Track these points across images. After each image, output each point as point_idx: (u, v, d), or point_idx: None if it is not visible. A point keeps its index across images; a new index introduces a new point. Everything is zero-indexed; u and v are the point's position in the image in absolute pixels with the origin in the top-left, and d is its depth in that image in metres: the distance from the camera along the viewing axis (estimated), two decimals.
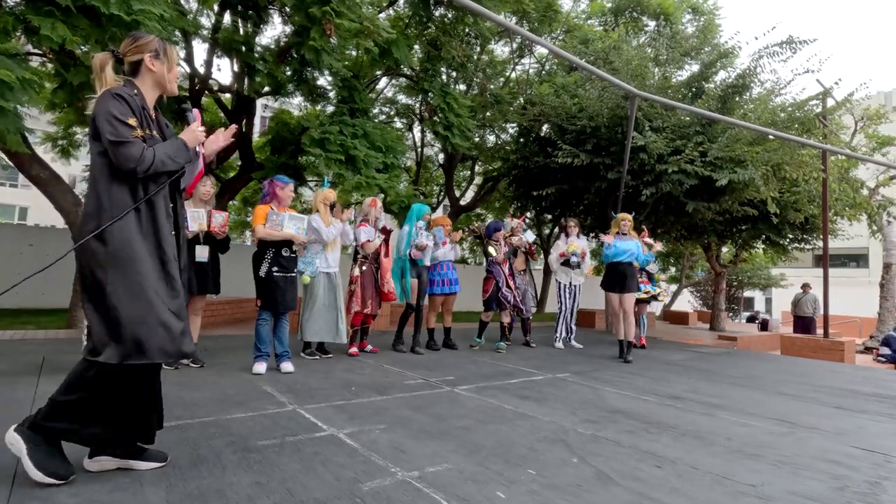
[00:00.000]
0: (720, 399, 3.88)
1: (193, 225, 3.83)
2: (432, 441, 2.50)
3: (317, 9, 5.72)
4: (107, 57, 1.87)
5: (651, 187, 8.26)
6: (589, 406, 3.43)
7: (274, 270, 3.98)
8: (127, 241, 1.78)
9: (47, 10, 3.94)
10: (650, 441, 2.70)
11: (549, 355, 5.92)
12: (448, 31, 9.28)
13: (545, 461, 2.30)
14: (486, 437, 2.61)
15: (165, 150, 1.88)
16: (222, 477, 1.92)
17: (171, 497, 1.73)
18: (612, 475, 2.18)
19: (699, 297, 22.20)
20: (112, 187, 1.80)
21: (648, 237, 7.24)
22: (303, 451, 2.26)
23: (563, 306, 6.90)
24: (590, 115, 8.53)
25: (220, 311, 7.85)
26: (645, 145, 7.79)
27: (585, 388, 4.06)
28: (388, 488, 1.91)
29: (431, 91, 9.10)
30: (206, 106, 10.30)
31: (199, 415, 2.71)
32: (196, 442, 2.28)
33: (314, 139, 7.37)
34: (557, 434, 2.73)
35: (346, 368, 4.34)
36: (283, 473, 1.99)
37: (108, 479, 1.85)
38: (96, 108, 1.79)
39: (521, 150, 10.35)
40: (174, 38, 6.45)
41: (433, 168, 16.90)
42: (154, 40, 1.96)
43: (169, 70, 1.99)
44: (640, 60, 8.28)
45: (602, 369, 5.05)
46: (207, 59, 8.41)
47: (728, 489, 2.10)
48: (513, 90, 12.60)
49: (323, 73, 8.22)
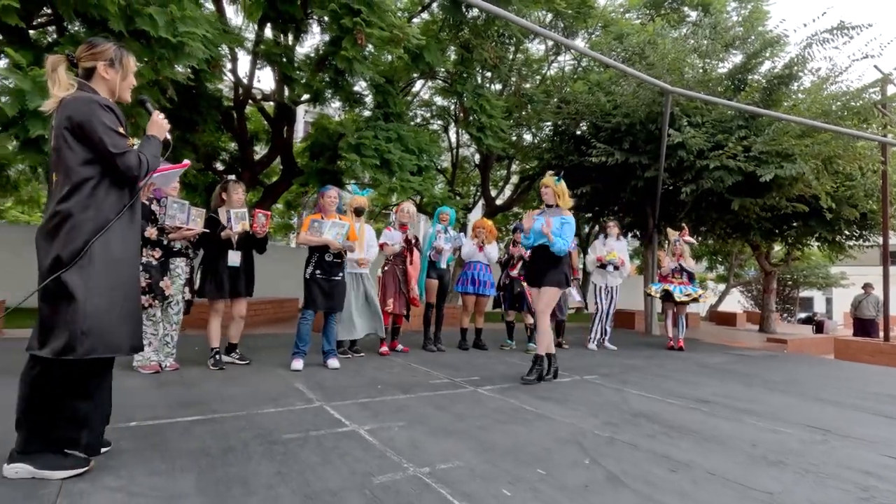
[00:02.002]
0: (752, 404, 3.76)
1: (237, 225, 4.06)
2: (448, 439, 2.59)
3: (348, 20, 5.93)
4: (60, 59, 1.90)
5: (691, 185, 8.01)
6: (611, 408, 3.42)
7: (317, 273, 4.23)
8: (109, 243, 1.89)
9: (104, 36, 4.31)
10: (668, 445, 2.68)
11: (581, 357, 5.88)
12: (480, 32, 9.33)
13: (556, 461, 2.34)
14: (502, 436, 2.68)
15: (150, 151, 2.01)
16: (247, 466, 2.09)
17: (201, 482, 1.91)
18: (623, 477, 2.19)
19: (749, 297, 21.15)
20: (98, 193, 1.87)
21: (688, 236, 7.03)
22: (324, 444, 2.40)
23: (598, 308, 6.81)
24: (625, 112, 8.36)
25: (263, 311, 8.24)
26: (683, 142, 7.56)
27: (610, 390, 4.03)
28: (398, 482, 2.01)
29: (465, 93, 9.18)
30: (250, 115, 10.80)
31: (233, 409, 2.91)
32: (227, 434, 2.47)
33: (350, 144, 7.61)
34: (573, 435, 2.75)
35: (375, 367, 4.50)
36: (302, 465, 2.14)
37: (147, 464, 2.05)
38: (83, 116, 1.82)
39: (556, 149, 10.26)
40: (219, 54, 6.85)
41: (469, 168, 16.97)
42: (110, 49, 1.98)
43: (123, 79, 2.02)
44: (677, 54, 8.03)
45: (631, 372, 4.98)
46: (250, 71, 8.86)
47: (742, 496, 2.07)
48: (549, 88, 12.49)
49: (357, 81, 8.46)
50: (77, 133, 1.85)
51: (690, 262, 6.86)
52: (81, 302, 1.82)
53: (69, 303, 1.82)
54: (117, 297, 1.93)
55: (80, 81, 1.95)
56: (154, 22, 4.23)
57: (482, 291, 5.87)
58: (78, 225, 1.84)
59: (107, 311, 1.89)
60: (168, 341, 3.92)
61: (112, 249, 1.92)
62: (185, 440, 2.36)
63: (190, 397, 3.14)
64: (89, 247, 1.84)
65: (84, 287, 1.83)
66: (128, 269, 2.01)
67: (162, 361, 3.86)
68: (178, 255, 3.89)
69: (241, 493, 1.83)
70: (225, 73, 8.48)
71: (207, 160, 10.03)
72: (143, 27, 4.28)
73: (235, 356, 4.31)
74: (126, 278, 1.99)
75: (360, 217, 4.86)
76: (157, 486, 1.86)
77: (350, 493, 1.88)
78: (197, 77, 6.62)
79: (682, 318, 6.98)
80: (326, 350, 4.40)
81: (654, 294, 6.99)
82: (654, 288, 7.01)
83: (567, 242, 4.12)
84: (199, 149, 8.52)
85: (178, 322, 3.98)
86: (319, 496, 1.84)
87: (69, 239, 1.83)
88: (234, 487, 1.88)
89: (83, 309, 1.82)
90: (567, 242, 4.12)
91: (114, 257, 1.92)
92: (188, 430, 2.51)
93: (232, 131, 9.55)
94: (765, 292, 13.48)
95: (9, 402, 2.03)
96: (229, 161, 11.09)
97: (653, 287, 7.05)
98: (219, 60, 7.09)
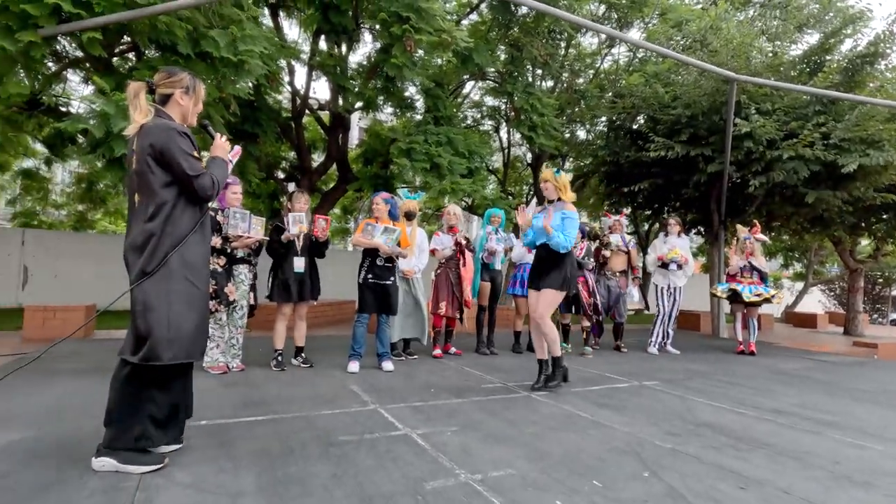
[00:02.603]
0: (835, 416, 3.45)
1: (294, 228, 4.24)
2: (500, 446, 2.56)
3: (397, 27, 6.03)
4: (141, 86, 2.07)
5: (761, 177, 7.47)
6: (673, 417, 3.25)
7: (369, 277, 4.34)
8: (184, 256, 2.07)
9: (174, 60, 4.65)
10: (737, 459, 2.51)
11: (641, 361, 5.64)
12: (530, 30, 9.20)
13: (613, 473, 2.25)
14: (555, 444, 2.61)
15: (219, 172, 2.18)
16: (305, 467, 2.17)
17: (261, 481, 2.00)
18: (685, 493, 2.08)
19: (832, 297, 19.42)
20: (176, 212, 2.06)
21: (760, 232, 6.56)
22: (377, 448, 2.45)
23: (660, 310, 6.50)
24: (685, 103, 7.94)
25: (323, 313, 8.55)
26: (751, 131, 7.06)
27: (673, 397, 3.84)
28: (449, 489, 2.02)
29: (515, 92, 9.09)
30: (307, 124, 11.23)
31: (293, 410, 3.04)
32: (287, 435, 2.58)
33: (401, 149, 7.74)
34: (631, 445, 2.64)
35: (428, 370, 4.54)
36: (356, 468, 2.19)
37: (214, 462, 2.17)
38: (163, 144, 1.99)
39: (611, 145, 9.91)
40: (278, 68, 7.19)
41: (521, 168, 16.77)
42: (186, 77, 2.16)
43: (195, 105, 2.21)
44: (742, 38, 7.52)
45: (696, 378, 4.72)
46: (306, 82, 9.23)
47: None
48: (602, 83, 12.10)
49: (408, 87, 8.59)
50: (158, 158, 2.02)
51: (762, 260, 6.39)
52: (163, 312, 2.01)
53: (152, 313, 2.01)
54: (192, 306, 2.11)
55: (156, 107, 2.13)
56: (216, 43, 4.51)
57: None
58: (160, 242, 2.03)
59: (185, 319, 2.07)
60: (234, 344, 4.15)
61: (187, 262, 2.09)
62: (249, 440, 2.48)
63: (254, 398, 3.30)
64: (167, 259, 2.02)
65: (164, 298, 2.02)
66: (200, 279, 2.17)
67: (229, 363, 4.10)
68: (242, 262, 4.12)
69: (298, 494, 1.90)
70: (283, 85, 8.90)
71: (269, 170, 10.54)
72: (207, 49, 4.56)
73: (300, 360, 4.49)
74: (199, 288, 2.15)
75: (412, 221, 4.92)
76: (223, 484, 1.97)
77: (402, 499, 1.91)
78: (257, 91, 6.98)
79: (753, 321, 6.52)
80: (380, 353, 4.50)
81: (719, 294, 6.57)
82: (719, 288, 6.59)
83: (569, 239, 3.77)
84: (260, 159, 8.98)
85: (242, 325, 4.20)
86: (373, 501, 1.88)
87: (152, 254, 2.02)
88: (292, 488, 1.95)
89: (165, 318, 2.01)
90: (569, 239, 3.77)
91: (188, 269, 2.09)
92: (251, 429, 2.64)
93: (290, 141, 9.99)
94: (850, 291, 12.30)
95: (100, 399, 2.22)
96: (289, 170, 11.60)
97: (718, 287, 6.63)
98: (277, 74, 7.45)
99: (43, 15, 3.92)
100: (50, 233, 11.24)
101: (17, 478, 1.96)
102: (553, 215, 3.84)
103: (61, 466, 2.07)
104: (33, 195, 12.57)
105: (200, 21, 4.62)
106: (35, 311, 5.77)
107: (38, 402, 2.98)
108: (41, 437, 2.41)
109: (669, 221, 6.63)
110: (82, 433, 2.45)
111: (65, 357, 4.36)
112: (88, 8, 4.03)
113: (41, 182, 11.97)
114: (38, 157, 11.20)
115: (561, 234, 3.76)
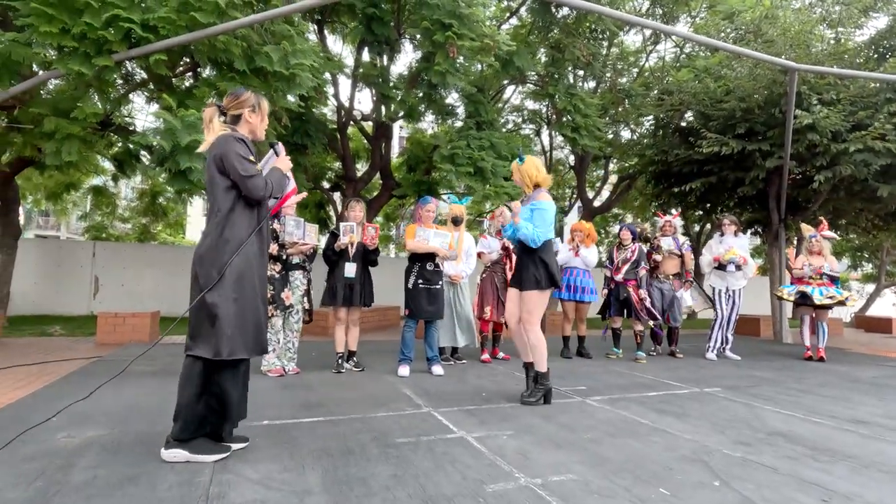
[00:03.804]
0: None
1: (344, 237, 4.36)
2: (558, 450, 2.51)
3: (440, 35, 6.10)
4: (214, 110, 2.26)
5: (826, 171, 7.04)
6: (741, 425, 3.08)
7: (419, 283, 4.37)
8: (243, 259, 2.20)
9: (230, 76, 4.89)
10: (818, 471, 2.34)
11: (699, 367, 5.39)
12: (571, 31, 9.09)
13: (680, 481, 2.15)
14: (615, 450, 2.53)
15: (274, 178, 2.30)
16: (366, 467, 2.19)
17: (326, 481, 2.04)
18: (761, 503, 1.96)
19: None
20: (234, 217, 2.19)
21: (827, 230, 6.14)
22: (434, 450, 2.45)
23: (719, 314, 6.18)
24: (739, 96, 7.60)
25: (368, 319, 8.69)
26: (813, 123, 6.67)
27: (738, 404, 3.64)
28: (510, 492, 1.99)
29: (557, 94, 8.99)
30: (352, 135, 11.53)
31: (349, 412, 3.09)
32: (346, 435, 2.63)
33: (444, 155, 7.80)
34: (698, 454, 2.52)
35: (478, 375, 4.51)
36: (416, 469, 2.20)
37: (279, 461, 2.24)
38: (222, 150, 2.15)
39: (659, 144, 9.60)
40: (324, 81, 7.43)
41: (563, 171, 16.53)
42: (251, 96, 2.33)
43: (261, 121, 2.37)
44: (801, 26, 7.14)
45: (762, 385, 4.46)
46: (350, 93, 9.48)
47: None
48: (647, 81, 11.77)
49: (449, 93, 8.67)
50: (219, 165, 2.19)
51: (832, 260, 5.95)
52: (223, 311, 2.14)
53: (213, 312, 2.14)
54: (250, 305, 2.23)
55: (230, 127, 2.31)
56: (270, 58, 4.72)
57: (581, 298, 5.65)
58: (222, 245, 2.17)
59: (242, 318, 2.19)
60: (290, 347, 4.28)
61: (245, 265, 2.22)
62: (310, 440, 2.54)
63: (311, 400, 3.39)
64: (228, 264, 2.16)
65: (224, 298, 2.15)
66: (258, 281, 2.29)
67: (285, 366, 4.23)
68: (297, 268, 4.25)
69: (362, 494, 1.93)
70: (328, 98, 9.18)
71: (315, 180, 10.87)
72: (261, 64, 4.78)
73: (352, 364, 4.58)
74: (257, 289, 2.27)
75: (459, 226, 4.93)
76: (289, 482, 2.02)
77: (464, 500, 1.89)
78: (305, 104, 7.23)
79: (824, 325, 6.08)
80: (430, 357, 4.52)
81: (786, 297, 6.15)
82: (785, 290, 6.19)
83: (539, 232, 3.38)
84: (308, 170, 9.28)
85: (298, 330, 4.33)
86: (435, 501, 1.88)
87: (215, 258, 2.17)
88: (356, 488, 1.98)
89: (225, 317, 2.14)
90: (539, 232, 3.38)
91: (247, 272, 2.23)
92: (312, 430, 2.71)
93: (336, 151, 10.27)
94: None
95: (170, 398, 2.35)
96: (333, 179, 11.93)
97: (784, 289, 6.23)
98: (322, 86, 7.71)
99: (116, 41, 4.22)
100: (117, 244, 12.02)
101: (106, 470, 2.09)
102: (524, 209, 3.51)
103: (140, 461, 2.19)
104: (102, 210, 13.50)
105: (254, 39, 4.84)
106: (107, 317, 6.17)
107: (116, 402, 3.18)
108: (121, 433, 2.57)
109: (724, 221, 6.30)
110: (157, 429, 2.59)
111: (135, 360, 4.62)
112: (155, 32, 4.31)
113: (109, 198, 12.84)
114: (106, 175, 12.04)
115: (528, 226, 3.39)
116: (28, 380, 4.00)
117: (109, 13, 4.17)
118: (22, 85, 4.62)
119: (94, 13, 4.18)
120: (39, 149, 6.21)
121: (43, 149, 5.35)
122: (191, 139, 4.20)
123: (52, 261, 10.55)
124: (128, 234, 15.53)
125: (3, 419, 2.80)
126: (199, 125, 4.32)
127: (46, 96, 5.62)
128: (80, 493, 1.87)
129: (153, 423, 2.74)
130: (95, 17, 4.20)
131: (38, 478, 2.00)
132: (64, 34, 4.18)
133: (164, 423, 2.67)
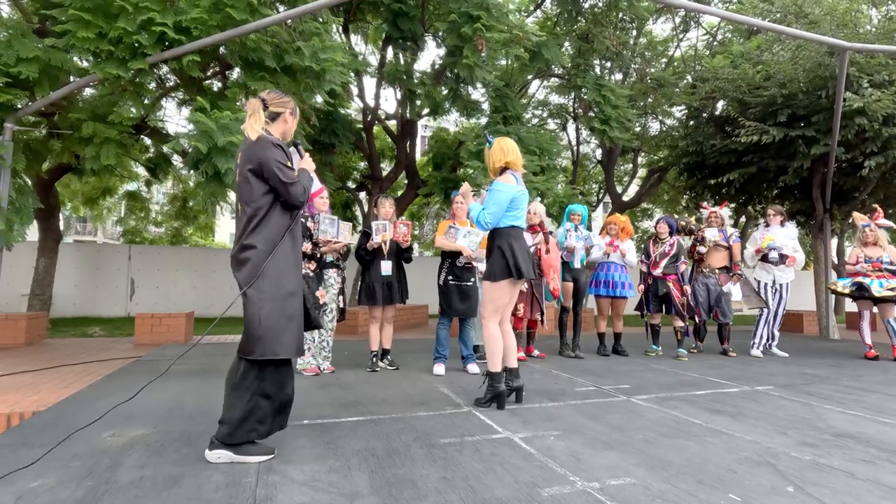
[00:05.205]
0: None
1: (377, 236, 4.31)
2: (611, 452, 2.38)
3: (468, 27, 6.00)
4: (258, 103, 2.30)
5: (877, 157, 6.66)
6: (803, 426, 2.89)
7: (449, 279, 4.29)
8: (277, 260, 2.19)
9: (260, 76, 4.89)
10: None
11: (745, 364, 5.16)
12: (600, 20, 8.87)
13: (749, 486, 2.01)
14: (673, 452, 2.39)
15: (307, 181, 2.32)
16: (413, 469, 2.12)
17: (374, 482, 1.97)
18: None
19: None
20: (270, 219, 2.20)
21: (883, 218, 5.74)
22: (481, 451, 2.36)
23: (765, 308, 5.89)
24: (780, 81, 7.25)
25: (398, 317, 8.65)
26: (863, 107, 6.31)
27: (796, 404, 3.43)
28: (568, 496, 1.88)
29: (585, 86, 8.78)
30: (377, 134, 11.53)
31: (389, 411, 3.03)
32: (388, 435, 2.56)
33: (471, 151, 7.70)
34: (762, 456, 2.36)
35: None
36: (465, 471, 2.11)
37: (323, 461, 2.18)
38: (262, 155, 2.15)
39: (693, 135, 9.28)
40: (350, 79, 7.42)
41: (590, 165, 16.22)
42: (292, 101, 2.41)
43: (294, 125, 2.46)
44: (849, 4, 6.77)
45: (817, 383, 4.22)
46: (376, 92, 9.47)
47: None
48: (678, 69, 11.43)
49: (476, 88, 8.55)
50: (257, 171, 2.18)
51: (892, 249, 5.53)
52: (257, 312, 2.13)
53: (250, 312, 2.15)
54: (286, 306, 2.20)
55: (266, 122, 2.33)
56: (302, 53, 4.70)
57: (618, 293, 5.47)
58: (258, 248, 2.17)
59: (277, 318, 2.16)
60: (324, 346, 4.26)
61: (280, 266, 2.20)
62: (352, 440, 2.48)
63: (349, 399, 3.34)
64: (265, 267, 2.15)
65: (259, 299, 2.14)
66: (293, 281, 2.26)
67: (320, 364, 4.20)
68: (331, 267, 4.21)
69: (412, 497, 1.85)
70: (353, 98, 9.18)
71: (341, 179, 10.92)
72: (291, 61, 4.76)
73: (386, 362, 4.53)
74: (292, 289, 2.24)
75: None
76: (335, 483, 1.96)
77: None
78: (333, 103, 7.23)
79: (892, 321, 5.52)
80: (465, 355, 4.43)
81: (841, 290, 5.72)
82: (840, 283, 5.79)
83: (486, 214, 3.10)
84: (335, 169, 9.31)
85: (332, 328, 4.30)
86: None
87: (251, 260, 2.16)
88: (405, 490, 1.90)
89: (259, 317, 2.13)
90: (486, 214, 3.10)
91: (281, 272, 2.20)
92: (353, 430, 2.65)
93: (362, 151, 10.28)
94: None
95: (209, 397, 2.31)
96: (359, 179, 11.96)
97: (839, 282, 5.83)
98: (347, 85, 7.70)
99: (150, 44, 4.26)
100: (151, 247, 12.31)
101: (152, 469, 2.07)
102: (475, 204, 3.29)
103: (185, 461, 2.16)
104: (136, 214, 13.87)
105: (284, 37, 4.83)
106: (144, 318, 6.29)
107: (158, 401, 3.19)
108: (164, 432, 2.55)
109: (769, 213, 5.99)
110: (198, 428, 2.58)
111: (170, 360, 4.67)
112: (187, 33, 4.33)
113: (143, 202, 13.18)
114: (140, 180, 12.36)
115: (476, 208, 3.17)
116: (73, 378, 4.07)
117: (144, 17, 4.22)
118: (61, 91, 4.72)
119: (128, 17, 4.24)
120: (77, 155, 6.38)
121: (81, 154, 5.47)
122: (226, 140, 4.20)
123: (91, 264, 10.87)
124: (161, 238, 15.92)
125: (52, 417, 2.84)
126: (233, 126, 4.33)
127: (82, 105, 5.74)
128: (128, 493, 1.84)
129: (195, 422, 2.72)
130: (130, 22, 4.26)
131: (87, 477, 1.99)
132: (101, 38, 4.25)
133: (205, 422, 2.67)
